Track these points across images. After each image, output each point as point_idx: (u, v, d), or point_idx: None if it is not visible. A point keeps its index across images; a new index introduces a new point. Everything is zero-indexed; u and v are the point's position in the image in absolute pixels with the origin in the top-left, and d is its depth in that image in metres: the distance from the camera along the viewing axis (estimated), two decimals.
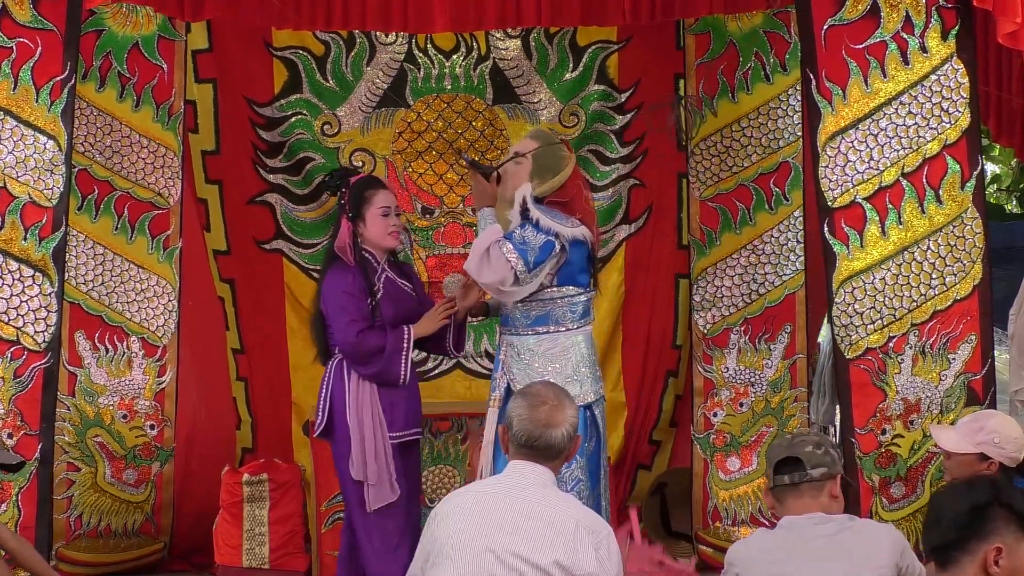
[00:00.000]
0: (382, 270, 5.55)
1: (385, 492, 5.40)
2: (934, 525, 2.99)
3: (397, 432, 5.48)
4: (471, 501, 3.68)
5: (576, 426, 3.79)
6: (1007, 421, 5.10)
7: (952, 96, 5.43)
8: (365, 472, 5.38)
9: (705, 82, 6.84)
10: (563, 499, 3.73)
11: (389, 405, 5.47)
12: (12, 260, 5.55)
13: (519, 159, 5.33)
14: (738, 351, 6.80)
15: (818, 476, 3.97)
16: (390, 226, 5.55)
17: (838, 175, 5.43)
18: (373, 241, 5.53)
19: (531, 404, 3.75)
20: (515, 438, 3.73)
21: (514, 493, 3.65)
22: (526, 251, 5.16)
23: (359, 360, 5.45)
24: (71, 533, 6.49)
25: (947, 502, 2.98)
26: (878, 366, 5.41)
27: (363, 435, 5.39)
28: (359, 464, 5.39)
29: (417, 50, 7.27)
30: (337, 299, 5.46)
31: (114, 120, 6.62)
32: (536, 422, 3.71)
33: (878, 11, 5.43)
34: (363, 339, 5.41)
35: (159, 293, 6.74)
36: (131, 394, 6.68)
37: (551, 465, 3.73)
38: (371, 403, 5.42)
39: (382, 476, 5.39)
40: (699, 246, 6.88)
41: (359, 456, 5.39)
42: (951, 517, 2.94)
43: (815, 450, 4.00)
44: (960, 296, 5.44)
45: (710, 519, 6.79)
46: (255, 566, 6.69)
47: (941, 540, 2.95)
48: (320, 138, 7.27)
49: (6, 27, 5.56)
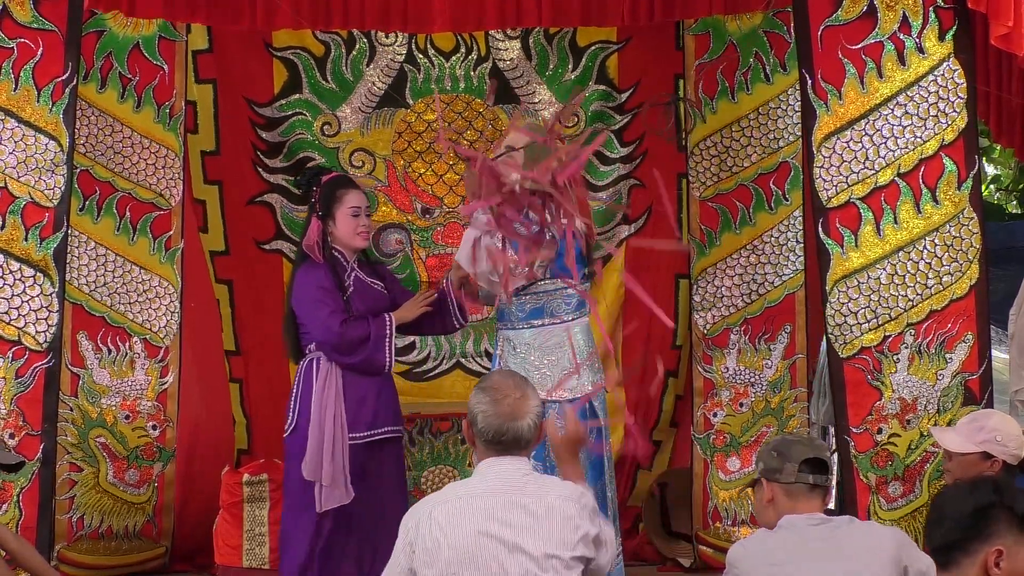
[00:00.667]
0: (351, 269, 5.57)
1: (339, 494, 5.40)
2: (936, 525, 2.99)
3: (364, 432, 5.48)
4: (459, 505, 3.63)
5: (540, 413, 3.73)
6: (1006, 419, 5.11)
7: (949, 96, 5.44)
8: (320, 472, 5.38)
9: (705, 82, 6.84)
10: (546, 482, 3.72)
11: (356, 404, 5.47)
12: (13, 260, 5.57)
13: (511, 153, 5.35)
14: (738, 351, 6.80)
15: (832, 484, 4.01)
16: (359, 226, 5.56)
17: (833, 175, 5.44)
18: (342, 240, 5.55)
19: (494, 399, 3.68)
20: (481, 435, 3.68)
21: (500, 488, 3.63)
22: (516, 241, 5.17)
23: (344, 350, 5.44)
24: (73, 534, 6.50)
25: (949, 502, 2.98)
26: (873, 365, 5.41)
27: (322, 435, 5.39)
28: (313, 464, 5.39)
29: (417, 51, 7.28)
30: (312, 294, 5.47)
31: (115, 121, 6.63)
32: (502, 416, 3.65)
33: (875, 12, 5.44)
34: (347, 329, 5.41)
35: (161, 294, 6.74)
36: (133, 395, 6.68)
37: (523, 452, 3.72)
38: (335, 403, 5.42)
39: (336, 478, 5.38)
40: (699, 246, 6.89)
41: (314, 456, 5.39)
42: (954, 518, 2.93)
43: (832, 456, 4.04)
44: (957, 296, 5.44)
45: (710, 519, 6.78)
46: (255, 566, 6.70)
47: (943, 540, 2.95)
48: (320, 138, 7.28)
49: (7, 28, 5.58)
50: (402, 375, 7.31)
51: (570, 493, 3.66)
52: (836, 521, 3.97)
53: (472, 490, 3.68)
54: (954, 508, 2.95)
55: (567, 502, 3.61)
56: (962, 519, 2.93)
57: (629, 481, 7.35)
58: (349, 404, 5.45)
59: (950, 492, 3.08)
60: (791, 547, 3.89)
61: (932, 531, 3.00)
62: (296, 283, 5.56)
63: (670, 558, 6.95)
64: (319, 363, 5.49)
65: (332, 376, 5.46)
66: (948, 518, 2.95)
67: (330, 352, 5.47)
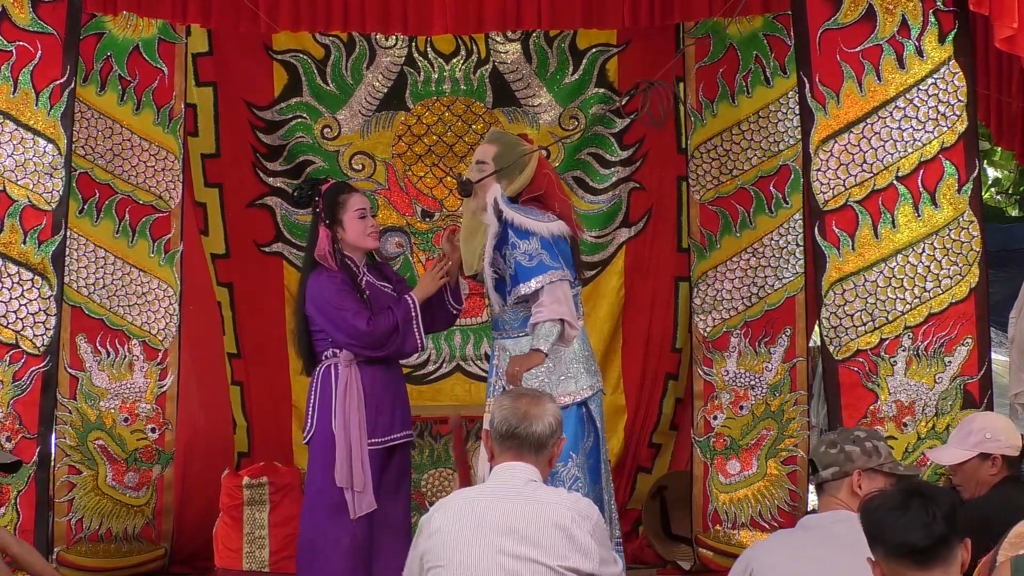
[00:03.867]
0: (363, 273, 5.57)
1: (369, 499, 5.40)
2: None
3: (382, 437, 5.48)
4: (466, 508, 3.65)
5: (559, 423, 3.81)
6: (990, 415, 5.09)
7: (949, 99, 5.43)
8: (351, 479, 5.38)
9: (705, 85, 6.84)
10: (553, 493, 3.74)
11: (375, 409, 5.46)
12: (11, 263, 5.58)
13: (482, 166, 5.35)
14: (738, 354, 6.79)
15: (829, 476, 3.98)
16: (368, 227, 5.56)
17: (830, 178, 5.43)
18: (353, 243, 5.54)
19: (511, 397, 3.82)
20: (497, 431, 3.75)
21: (507, 495, 3.65)
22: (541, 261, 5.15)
23: (376, 345, 5.43)
24: (72, 537, 6.49)
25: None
26: (869, 368, 5.40)
27: (350, 441, 5.39)
28: (344, 471, 5.38)
29: (417, 54, 7.29)
30: (332, 298, 5.45)
31: (115, 123, 6.63)
32: (517, 412, 3.74)
33: (874, 15, 5.43)
34: (376, 324, 5.41)
35: (160, 297, 6.73)
36: (132, 397, 6.68)
37: (536, 461, 3.73)
38: (358, 409, 5.42)
39: (367, 483, 5.39)
40: (699, 249, 6.88)
41: (344, 463, 5.38)
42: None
43: (828, 450, 4.01)
44: (957, 299, 5.43)
45: (710, 522, 6.77)
46: (255, 569, 6.71)
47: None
48: (320, 141, 7.28)
49: (6, 30, 5.59)
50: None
51: (572, 503, 3.67)
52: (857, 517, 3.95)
53: (475, 492, 3.74)
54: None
55: (566, 511, 3.61)
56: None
57: (629, 484, 7.35)
58: (369, 410, 5.45)
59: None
60: (808, 546, 3.85)
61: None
62: (311, 290, 5.52)
63: (670, 561, 6.94)
64: (337, 369, 5.46)
65: (353, 382, 5.45)
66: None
67: (361, 350, 5.45)
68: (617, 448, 7.23)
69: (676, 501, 7.02)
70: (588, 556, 3.59)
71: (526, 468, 3.72)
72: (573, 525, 3.60)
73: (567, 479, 5.11)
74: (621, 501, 7.14)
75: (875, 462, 4.07)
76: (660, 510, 7.10)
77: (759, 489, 6.71)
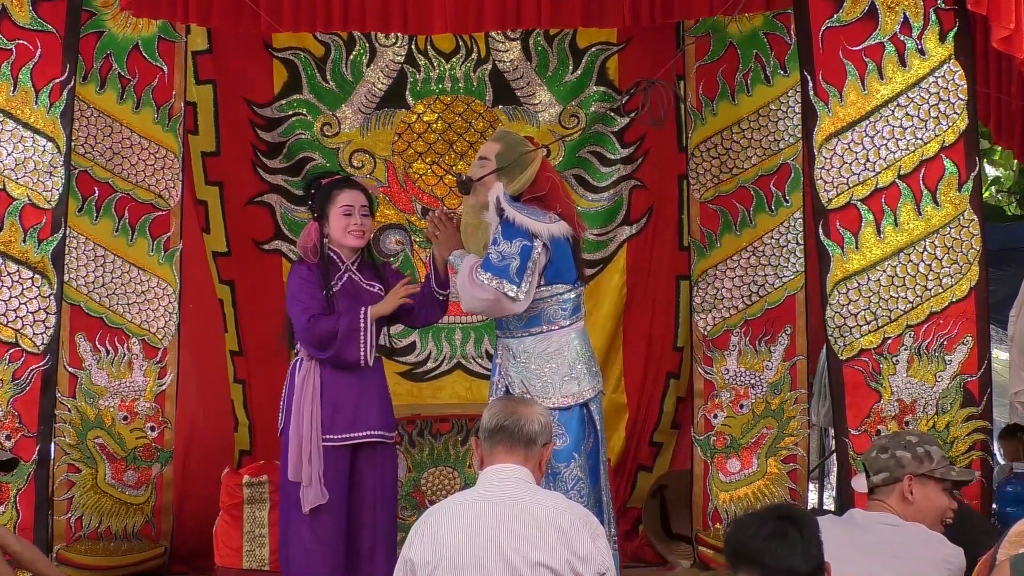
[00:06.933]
0: (345, 270, 5.55)
1: (315, 492, 5.40)
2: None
3: (340, 434, 5.46)
4: (459, 512, 3.65)
5: (548, 427, 3.83)
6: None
7: (950, 98, 5.42)
8: (300, 473, 5.38)
9: (705, 84, 6.84)
10: (550, 496, 3.74)
11: (331, 405, 5.44)
12: (11, 262, 5.58)
13: (484, 162, 5.34)
14: (738, 353, 6.79)
15: (880, 481, 3.96)
16: (351, 224, 5.52)
17: (833, 177, 5.43)
18: (335, 239, 5.53)
19: (502, 401, 3.93)
20: (486, 428, 3.76)
21: (502, 498, 3.64)
22: (507, 267, 5.12)
23: (315, 345, 5.43)
24: (71, 535, 6.50)
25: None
26: (872, 367, 5.40)
27: (300, 436, 5.39)
28: (294, 465, 5.39)
29: (417, 52, 7.29)
30: (295, 289, 5.49)
31: (114, 122, 6.63)
32: (506, 410, 3.79)
33: (876, 13, 5.43)
34: (316, 324, 5.39)
35: (159, 295, 6.73)
36: (131, 396, 6.68)
37: (526, 458, 3.72)
38: (311, 404, 5.41)
39: (313, 478, 5.38)
40: (699, 248, 6.88)
41: (295, 457, 5.39)
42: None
43: (879, 455, 3.99)
44: (957, 298, 5.43)
45: (710, 521, 6.78)
46: (255, 568, 6.70)
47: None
48: (320, 139, 7.28)
49: (5, 29, 5.59)
50: (402, 375, 7.31)
51: (567, 507, 3.66)
52: (903, 526, 3.95)
53: (468, 496, 3.73)
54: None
55: (562, 514, 3.61)
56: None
57: (630, 482, 7.35)
58: (327, 405, 5.43)
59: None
60: (844, 538, 3.86)
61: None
62: (287, 281, 5.57)
63: (670, 559, 6.94)
64: (301, 363, 5.49)
65: (311, 376, 5.45)
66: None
67: (307, 348, 5.47)
68: (618, 447, 7.23)
69: (676, 500, 7.02)
70: (586, 560, 3.59)
71: (517, 469, 3.71)
72: (571, 528, 3.60)
73: (570, 480, 5.11)
74: (621, 500, 7.15)
75: (926, 467, 4.04)
76: (660, 509, 7.10)
77: (759, 487, 6.72)
